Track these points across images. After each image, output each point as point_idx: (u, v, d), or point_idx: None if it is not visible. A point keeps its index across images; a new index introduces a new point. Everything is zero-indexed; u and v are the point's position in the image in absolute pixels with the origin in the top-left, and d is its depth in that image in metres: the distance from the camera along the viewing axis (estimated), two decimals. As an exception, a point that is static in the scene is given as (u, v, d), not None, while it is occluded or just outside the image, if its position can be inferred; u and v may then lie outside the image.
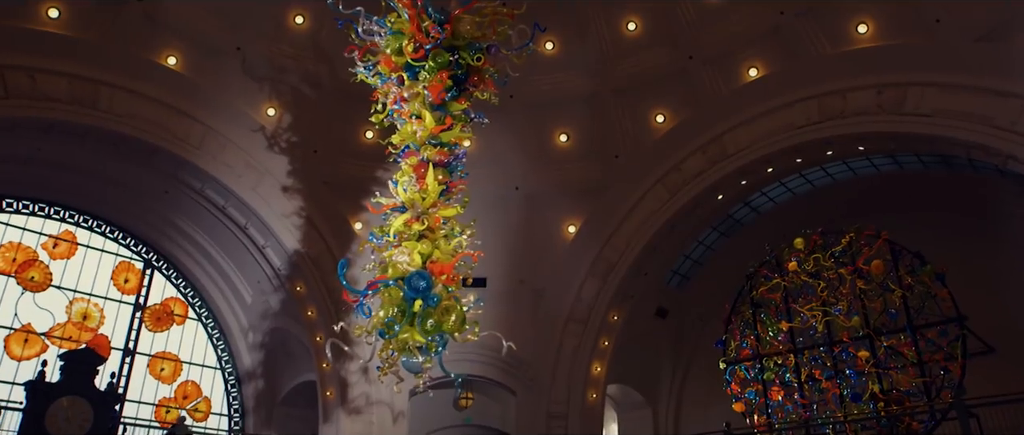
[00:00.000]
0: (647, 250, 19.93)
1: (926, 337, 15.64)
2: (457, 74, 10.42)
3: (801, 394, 16.99)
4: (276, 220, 19.32)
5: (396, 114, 10.68)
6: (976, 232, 18.68)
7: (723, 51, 18.26)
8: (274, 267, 20.08)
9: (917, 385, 15.47)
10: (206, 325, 21.99)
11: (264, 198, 19.17)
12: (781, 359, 17.58)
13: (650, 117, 19.74)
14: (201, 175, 18.51)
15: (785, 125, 17.62)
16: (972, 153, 15.47)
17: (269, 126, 19.24)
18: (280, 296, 20.76)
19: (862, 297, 16.63)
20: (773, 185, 20.05)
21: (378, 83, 10.77)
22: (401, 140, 10.63)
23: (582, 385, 19.95)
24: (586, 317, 20.18)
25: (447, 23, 10.30)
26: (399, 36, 10.45)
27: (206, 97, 18.16)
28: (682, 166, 19.30)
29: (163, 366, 20.70)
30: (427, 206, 9.84)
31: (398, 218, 9.86)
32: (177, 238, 21.11)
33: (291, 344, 21.39)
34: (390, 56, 10.39)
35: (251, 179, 18.97)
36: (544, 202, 20.74)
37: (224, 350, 22.08)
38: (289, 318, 20.71)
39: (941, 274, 15.71)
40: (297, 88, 19.33)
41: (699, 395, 22.79)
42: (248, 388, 22.02)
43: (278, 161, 19.39)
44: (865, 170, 19.35)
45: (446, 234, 9.94)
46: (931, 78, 15.41)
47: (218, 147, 18.44)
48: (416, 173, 10.11)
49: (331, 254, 19.90)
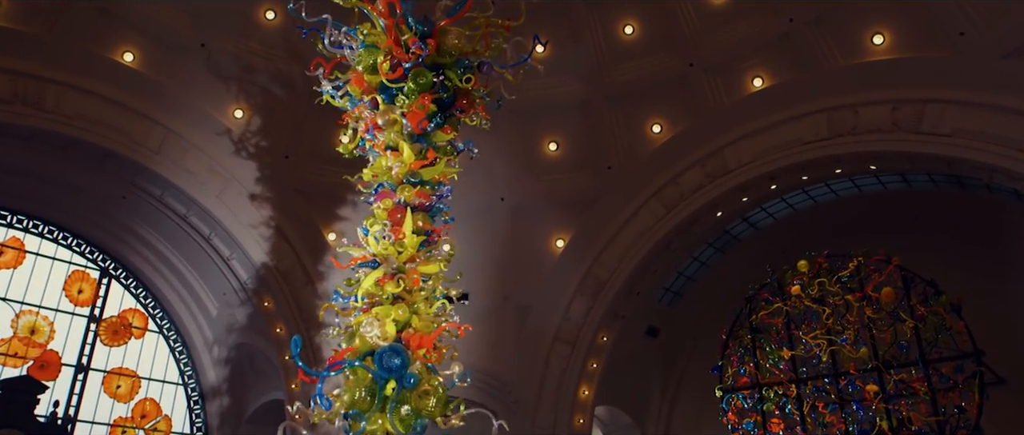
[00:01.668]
0: (640, 268, 18.77)
1: (940, 372, 14.64)
2: (442, 98, 8.96)
3: (803, 428, 15.96)
4: (242, 230, 17.90)
5: (368, 144, 9.17)
6: (988, 256, 17.71)
7: (726, 59, 17.06)
8: (240, 280, 18.69)
9: (930, 424, 14.47)
10: (168, 338, 20.52)
11: (229, 207, 17.74)
12: (782, 389, 16.55)
13: (646, 127, 18.53)
14: (160, 182, 17.05)
15: (792, 140, 16.49)
16: (993, 177, 14.43)
17: (236, 129, 17.79)
18: (247, 310, 19.37)
19: (871, 326, 15.60)
20: (774, 200, 18.94)
21: (347, 106, 9.29)
22: (374, 176, 9.04)
23: (569, 410, 18.79)
24: (574, 338, 19.00)
25: (431, 37, 8.89)
26: (373, 51, 8.98)
27: (167, 97, 16.67)
28: (680, 180, 18.13)
29: (119, 383, 19.24)
30: (404, 261, 8.35)
31: (368, 277, 8.28)
32: (136, 245, 19.61)
33: (259, 360, 20.03)
34: (362, 74, 8.94)
35: (215, 186, 17.53)
36: (531, 214, 19.48)
37: (187, 364, 20.64)
38: (256, 334, 19.34)
39: (957, 305, 14.71)
40: (267, 89, 17.88)
41: (689, 416, 21.78)
42: (212, 405, 20.61)
43: (245, 167, 17.95)
44: (871, 187, 18.28)
45: (427, 296, 8.43)
46: (952, 95, 14.33)
47: (179, 152, 16.98)
48: (391, 219, 8.54)
49: (302, 267, 18.57)
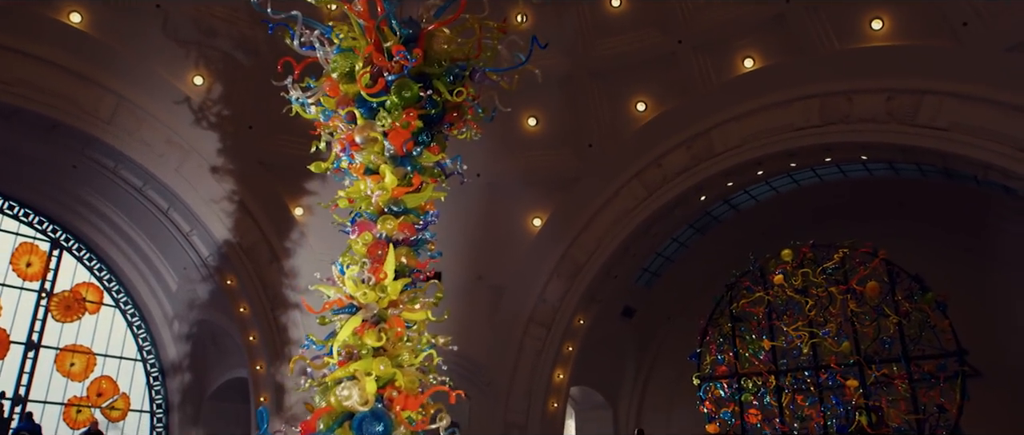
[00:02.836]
0: (619, 251, 18.24)
1: (922, 369, 14.41)
2: (430, 114, 7.96)
3: (781, 420, 15.72)
4: (203, 205, 16.90)
5: (343, 165, 8.05)
6: (970, 245, 17.53)
7: (717, 38, 16.28)
8: (202, 256, 17.75)
9: (909, 422, 14.30)
10: (125, 312, 19.57)
11: (189, 180, 16.69)
12: (761, 380, 16.24)
13: (630, 104, 17.77)
14: (114, 154, 15.92)
15: (782, 125, 15.90)
16: (988, 174, 14.02)
17: (196, 97, 16.61)
18: (209, 286, 18.47)
19: (853, 320, 15.26)
20: (758, 183, 18.42)
21: (320, 117, 8.21)
22: (351, 203, 7.95)
23: (543, 393, 18.44)
24: (550, 320, 18.52)
25: (417, 41, 7.83)
26: (350, 55, 7.97)
27: (119, 63, 15.41)
28: (663, 161, 17.50)
29: (73, 361, 18.33)
30: (385, 306, 7.38)
31: (345, 326, 7.22)
32: (89, 216, 18.49)
33: (222, 337, 19.22)
34: (337, 81, 7.90)
35: (174, 158, 16.43)
36: (508, 192, 18.73)
37: (146, 340, 19.75)
38: (219, 313, 18.49)
39: (942, 303, 14.39)
40: (230, 55, 16.66)
41: (662, 397, 21.61)
42: (173, 381, 19.83)
43: (206, 138, 16.85)
44: (857, 172, 17.84)
45: (412, 346, 7.47)
46: (951, 87, 13.80)
47: (134, 122, 15.82)
48: (371, 256, 7.51)
49: (267, 243, 17.68)
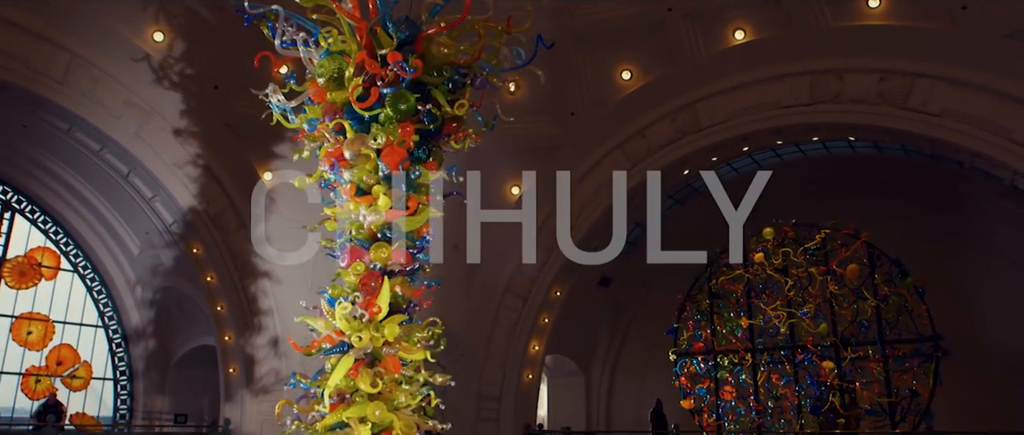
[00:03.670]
0: (599, 222, 17.86)
1: (896, 354, 14.53)
2: (428, 128, 7.28)
3: (756, 398, 15.85)
4: (166, 171, 16.02)
5: (329, 182, 7.32)
6: (949, 228, 17.59)
7: (708, 7, 15.66)
8: (165, 223, 16.97)
9: (882, 404, 14.48)
10: (84, 277, 18.79)
11: (150, 144, 15.76)
12: (737, 357, 16.30)
13: (615, 72, 17.17)
14: (67, 116, 14.92)
15: (770, 101, 15.48)
16: (975, 161, 13.87)
17: (156, 55, 15.57)
18: (173, 252, 17.75)
19: (832, 302, 15.28)
20: (741, 157, 18.13)
21: (304, 127, 7.45)
22: (338, 225, 7.24)
23: (518, 365, 18.25)
24: (527, 292, 18.21)
25: (414, 44, 7.12)
26: (337, 58, 7.21)
27: (72, 17, 14.30)
28: (647, 133, 17.02)
29: (30, 329, 17.61)
30: (380, 346, 6.77)
31: (338, 366, 6.57)
32: (43, 178, 17.53)
33: (188, 304, 18.61)
34: (323, 87, 7.15)
35: (133, 121, 15.47)
36: (485, 159, 17.92)
37: (107, 305, 19.07)
38: (185, 280, 17.83)
39: (921, 288, 14.45)
40: (193, 9, 15.59)
41: (635, 365, 21.72)
42: (137, 348, 19.26)
43: (168, 98, 15.86)
44: (840, 149, 17.64)
45: (410, 388, 6.90)
46: (944, 71, 13.47)
47: (89, 81, 14.78)
48: (363, 288, 6.86)
49: (235, 210, 16.90)
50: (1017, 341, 16.39)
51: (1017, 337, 16.41)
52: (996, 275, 17.09)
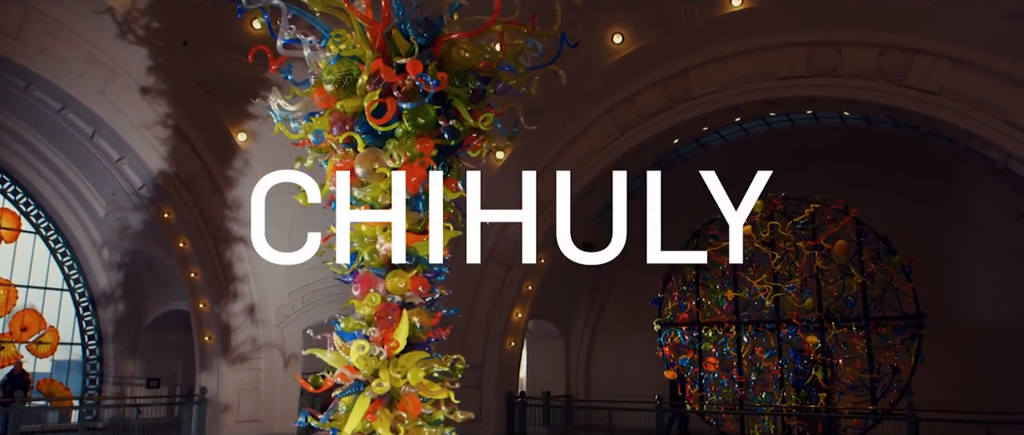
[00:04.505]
0: (587, 189, 17.55)
1: (879, 331, 14.63)
2: (448, 144, 6.60)
3: (739, 371, 15.92)
4: (133, 132, 15.18)
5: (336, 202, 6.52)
6: (932, 199, 17.60)
7: (705, -29, 15.09)
8: (134, 186, 16.17)
9: (863, 380, 14.64)
10: (47, 239, 17.97)
11: (115, 103, 14.87)
12: (722, 329, 16.30)
13: (606, 35, 16.57)
14: (24, 73, 13.93)
15: (765, 72, 15.08)
16: (969, 141, 13.73)
17: (120, 7, 14.52)
18: (142, 215, 17.01)
19: (819, 277, 15.25)
20: (731, 126, 17.83)
21: (309, 137, 6.73)
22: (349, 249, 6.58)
23: (501, 333, 18.11)
24: (510, 259, 17.91)
25: (434, 49, 6.41)
26: (349, 63, 6.41)
27: (26, -34, 13.22)
28: (637, 99, 16.58)
29: (-8, 294, 16.86)
30: (400, 387, 6.24)
31: (355, 409, 6.03)
32: (2, 136, 16.50)
33: (159, 267, 17.96)
34: (331, 94, 6.45)
35: (97, 78, 14.54)
36: (471, 122, 17.54)
37: (73, 268, 18.33)
38: (156, 244, 17.14)
39: (908, 267, 14.46)
40: (159, -42, 14.54)
41: (615, 328, 21.73)
42: (106, 312, 18.64)
43: (134, 54, 14.90)
44: (829, 119, 17.38)
45: (432, 431, 6.34)
46: (944, 49, 13.17)
47: (47, 36, 13.79)
48: (379, 322, 6.30)
49: (208, 173, 16.21)
50: (994, 316, 16.65)
51: (995, 312, 16.67)
52: (974, 249, 17.25)
